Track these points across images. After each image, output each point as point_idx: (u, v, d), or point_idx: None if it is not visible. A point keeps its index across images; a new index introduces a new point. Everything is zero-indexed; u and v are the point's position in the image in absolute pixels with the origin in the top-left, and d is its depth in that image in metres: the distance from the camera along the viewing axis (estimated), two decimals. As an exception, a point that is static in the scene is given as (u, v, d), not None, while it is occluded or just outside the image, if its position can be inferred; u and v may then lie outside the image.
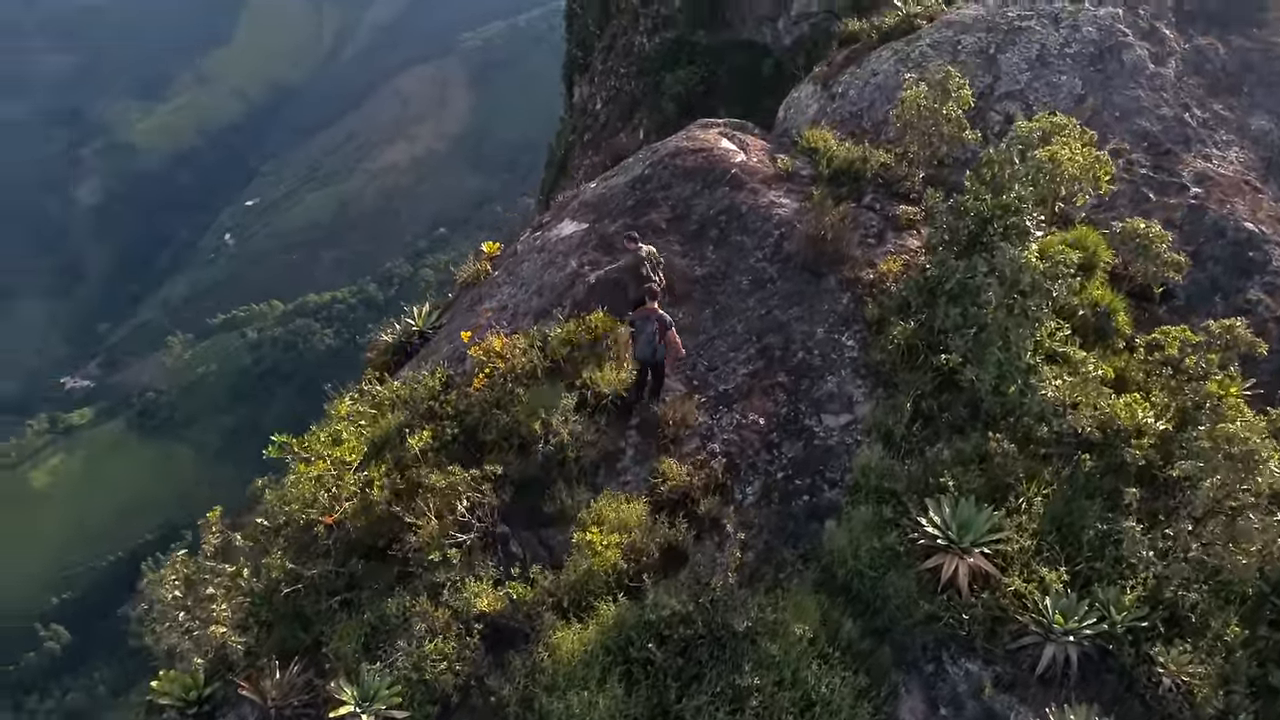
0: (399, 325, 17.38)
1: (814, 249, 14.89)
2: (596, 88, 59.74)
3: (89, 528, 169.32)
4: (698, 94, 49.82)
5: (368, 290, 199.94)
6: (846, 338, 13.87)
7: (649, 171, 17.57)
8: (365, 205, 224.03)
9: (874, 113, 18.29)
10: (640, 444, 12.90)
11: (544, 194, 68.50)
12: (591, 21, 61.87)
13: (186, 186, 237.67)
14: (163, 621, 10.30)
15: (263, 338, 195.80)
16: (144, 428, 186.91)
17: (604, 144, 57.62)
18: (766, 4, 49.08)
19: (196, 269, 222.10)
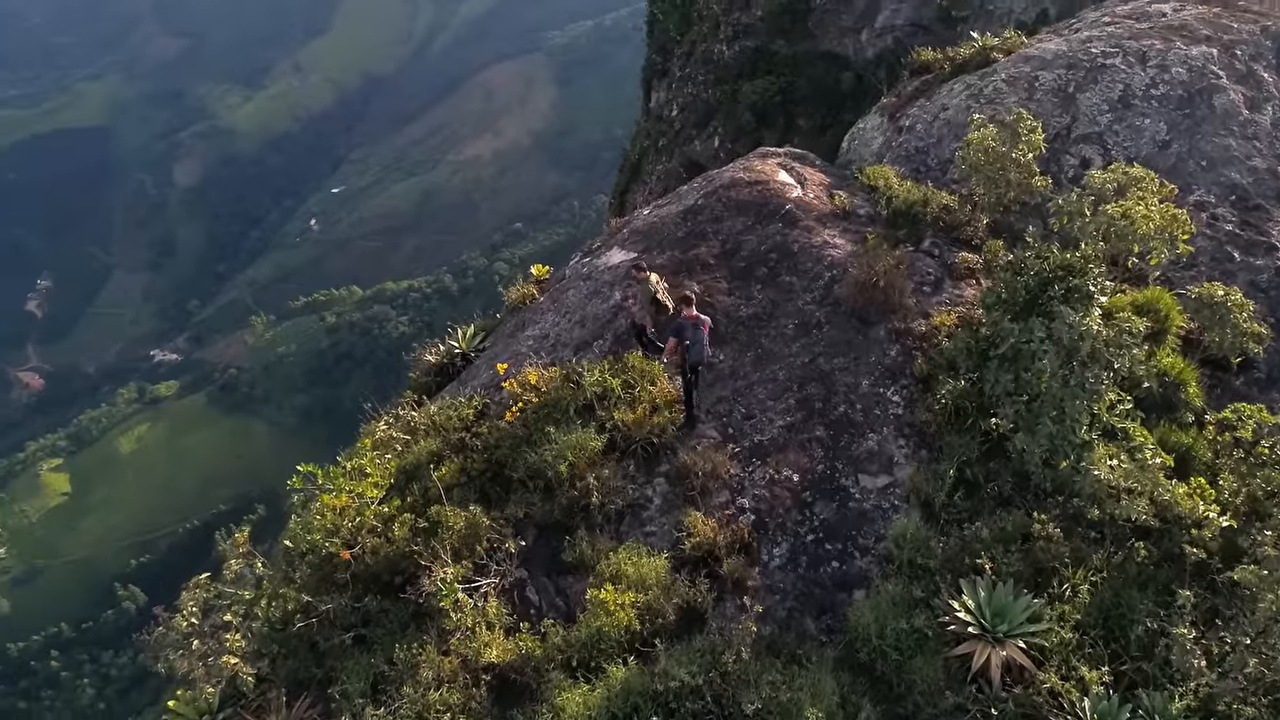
0: (442, 345, 17.34)
1: (864, 295, 14.29)
2: (674, 94, 59.47)
3: (169, 495, 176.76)
4: (775, 104, 49.17)
5: (443, 281, 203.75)
6: (892, 393, 13.26)
7: (702, 202, 17.17)
8: (447, 197, 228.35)
9: (940, 150, 17.52)
10: (668, 493, 12.54)
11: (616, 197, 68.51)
12: (672, 27, 61.61)
13: (277, 171, 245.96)
14: (176, 649, 10.36)
15: (340, 322, 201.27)
16: (224, 402, 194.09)
17: (678, 150, 57.47)
18: (850, 15, 48.07)
19: (282, 251, 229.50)
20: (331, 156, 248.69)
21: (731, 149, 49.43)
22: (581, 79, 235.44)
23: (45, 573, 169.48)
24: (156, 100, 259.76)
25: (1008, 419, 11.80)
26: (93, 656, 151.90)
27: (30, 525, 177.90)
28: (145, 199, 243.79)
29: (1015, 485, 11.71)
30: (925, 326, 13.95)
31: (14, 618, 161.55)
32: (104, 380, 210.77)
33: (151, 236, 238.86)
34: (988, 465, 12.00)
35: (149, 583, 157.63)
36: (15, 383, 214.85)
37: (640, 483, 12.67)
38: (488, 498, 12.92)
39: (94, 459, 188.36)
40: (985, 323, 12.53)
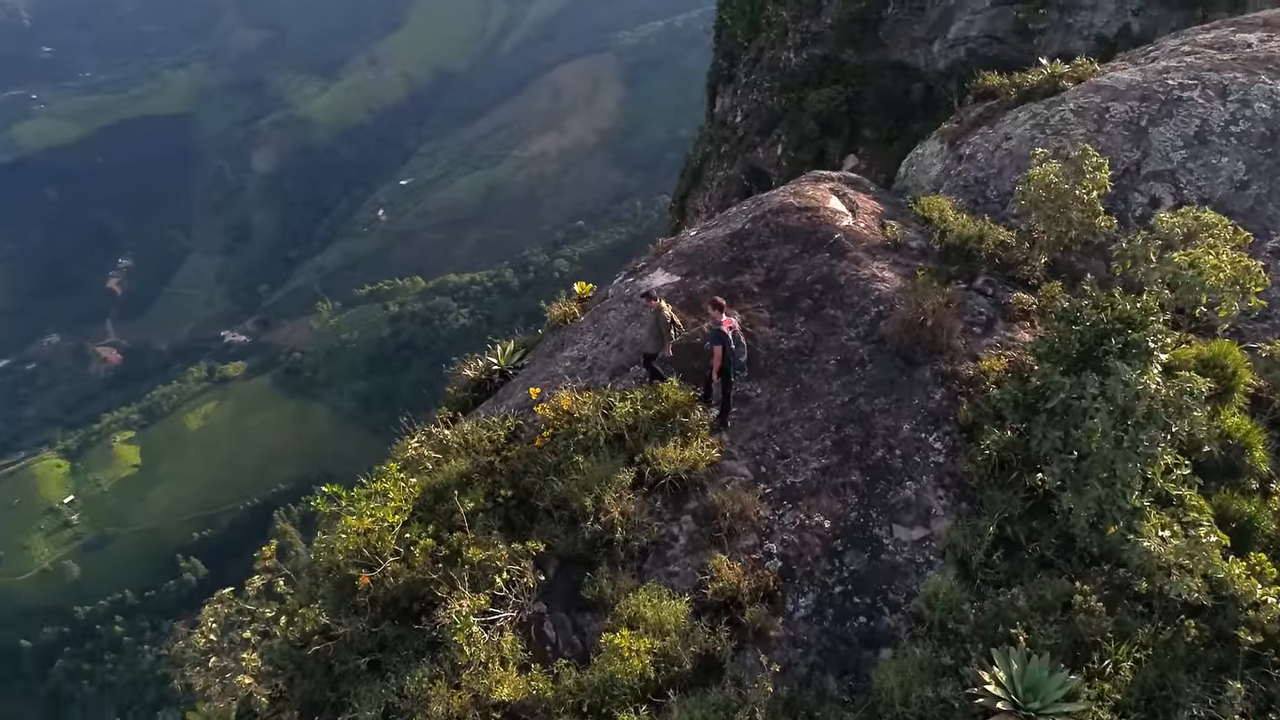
0: (481, 361, 17.29)
1: (911, 334, 13.77)
2: (738, 100, 58.97)
3: (231, 472, 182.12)
4: (841, 113, 48.38)
5: (504, 275, 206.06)
6: (934, 439, 12.74)
7: (749, 227, 16.80)
8: (511, 192, 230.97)
9: (1001, 181, 16.84)
10: (694, 533, 12.24)
11: (676, 201, 68.28)
12: (740, 33, 61.08)
13: (349, 161, 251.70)
14: (194, 665, 10.44)
15: (403, 311, 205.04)
16: (288, 385, 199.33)
17: (740, 157, 56.98)
18: (922, 25, 47.01)
19: (350, 240, 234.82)
20: (401, 149, 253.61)
21: (794, 157, 48.83)
22: (649, 79, 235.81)
23: (114, 540, 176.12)
24: (237, 89, 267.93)
25: (1054, 477, 11.23)
26: (153, 624, 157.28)
27: (102, 494, 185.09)
28: (223, 184, 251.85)
29: (1059, 548, 11.12)
30: (973, 370, 13.38)
31: (83, 582, 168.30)
32: (176, 358, 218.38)
33: (227, 221, 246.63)
34: (1030, 524, 11.43)
35: (209, 556, 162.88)
36: (94, 357, 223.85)
37: (666, 519, 12.39)
38: (513, 525, 12.78)
39: (163, 433, 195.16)
40: (1036, 373, 11.93)
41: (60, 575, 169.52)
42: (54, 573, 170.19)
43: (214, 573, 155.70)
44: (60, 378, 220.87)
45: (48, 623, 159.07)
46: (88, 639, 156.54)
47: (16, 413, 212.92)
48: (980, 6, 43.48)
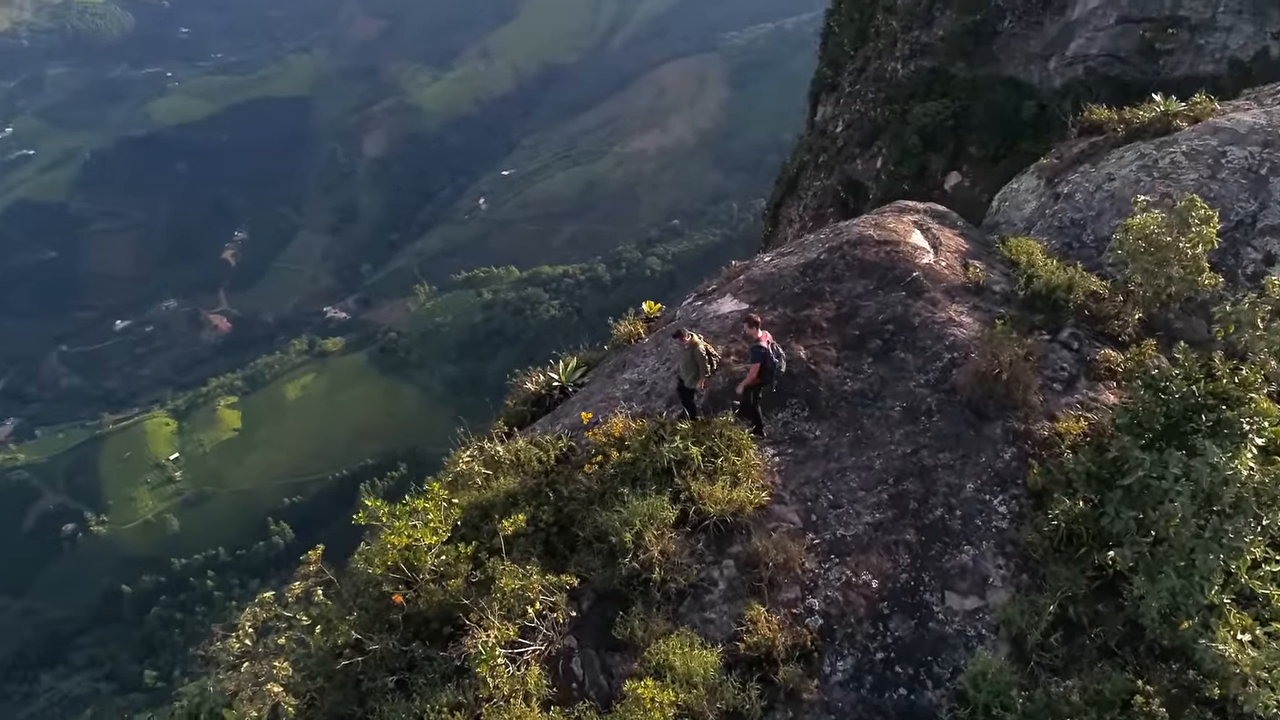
0: (542, 375, 17.22)
1: (984, 386, 13.02)
2: (840, 109, 57.65)
3: (323, 443, 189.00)
4: (946, 128, 46.73)
5: (596, 270, 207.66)
6: (999, 503, 12.00)
7: (824, 257, 16.22)
8: (609, 187, 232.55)
9: (1099, 226, 15.79)
10: (735, 579, 11.83)
11: (770, 208, 67.31)
12: (847, 41, 59.71)
13: (455, 150, 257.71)
14: (228, 668, 10.63)
15: (496, 299, 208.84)
16: (382, 363, 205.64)
17: (838, 168, 55.73)
18: (1039, 40, 44.97)
19: (450, 226, 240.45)
20: (506, 139, 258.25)
21: (894, 171, 47.39)
22: (755, 81, 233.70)
23: (211, 499, 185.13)
24: (353, 75, 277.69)
25: (1127, 559, 10.40)
26: (242, 582, 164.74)
27: (204, 454, 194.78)
28: (335, 166, 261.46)
29: (1124, 637, 10.30)
30: (1048, 431, 12.55)
31: (181, 537, 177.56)
32: (280, 330, 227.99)
33: (336, 202, 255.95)
34: (1096, 607, 10.63)
35: (298, 521, 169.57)
36: (206, 324, 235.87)
37: (707, 562, 12.03)
38: (553, 552, 12.63)
39: (263, 401, 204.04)
40: (1114, 443, 11.08)
41: (161, 528, 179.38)
42: (156, 525, 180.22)
43: (301, 538, 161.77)
44: (175, 341, 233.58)
45: (147, 571, 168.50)
46: (181, 590, 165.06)
47: (134, 371, 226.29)
48: (1103, 24, 41.32)
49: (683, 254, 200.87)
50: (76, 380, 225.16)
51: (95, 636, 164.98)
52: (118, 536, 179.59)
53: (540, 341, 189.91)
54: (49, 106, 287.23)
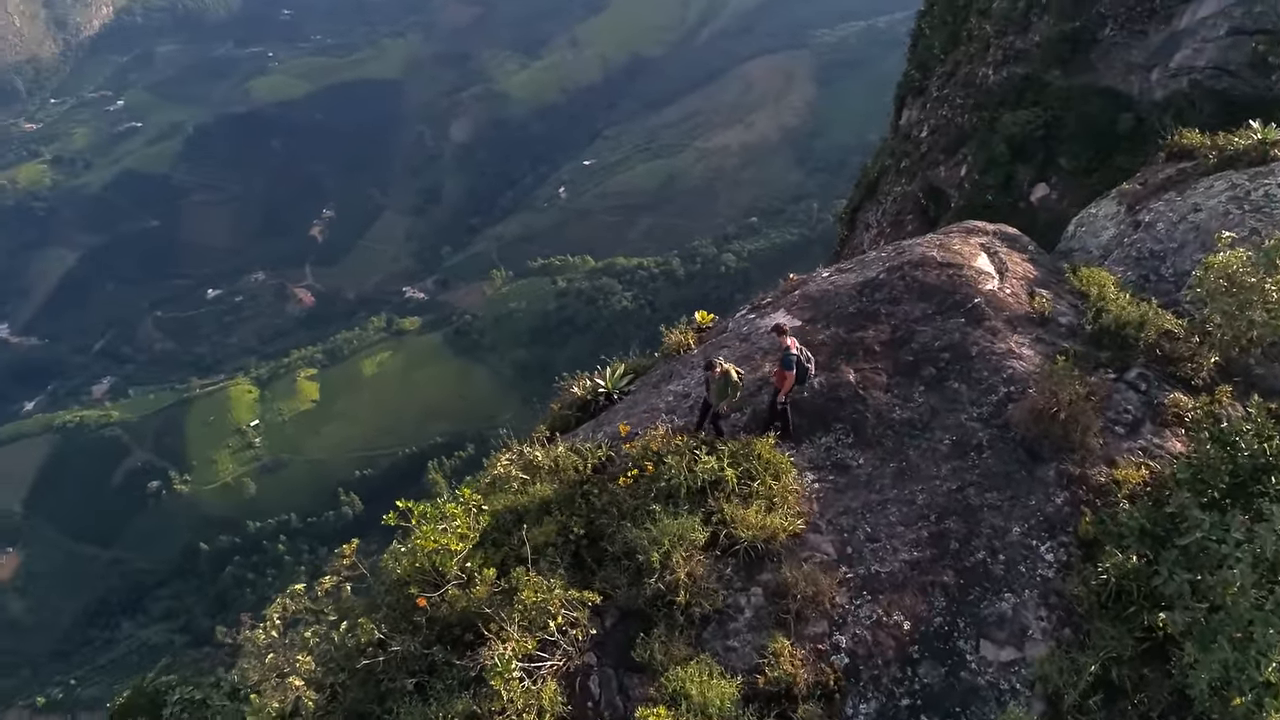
0: (588, 381, 17.13)
1: (1039, 425, 12.40)
2: (926, 114, 56.11)
3: (395, 419, 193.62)
4: (1036, 138, 45.07)
5: (671, 263, 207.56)
6: (1046, 549, 11.41)
7: (883, 277, 15.71)
8: (688, 182, 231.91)
9: (1180, 259, 14.89)
10: (762, 608, 11.53)
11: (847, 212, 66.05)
12: (937, 44, 58.05)
13: (539, 138, 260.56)
14: (253, 658, 10.84)
15: (569, 287, 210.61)
16: (456, 344, 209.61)
17: (920, 174, 54.32)
18: (1141, 50, 42.94)
19: (530, 213, 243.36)
20: (589, 129, 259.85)
21: (978, 180, 45.90)
22: (843, 80, 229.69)
23: (287, 466, 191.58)
24: (445, 61, 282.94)
25: (1178, 624, 9.75)
26: (311, 548, 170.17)
27: (282, 423, 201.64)
28: (422, 150, 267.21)
29: (1170, 706, 9.68)
30: (1105, 477, 11.87)
31: (257, 500, 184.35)
32: (360, 306, 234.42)
33: (422, 184, 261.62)
34: (1141, 670, 10.01)
35: (367, 493, 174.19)
36: (291, 297, 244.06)
37: (735, 589, 11.76)
38: (581, 564, 12.53)
39: (341, 375, 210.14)
40: (1173, 498, 10.41)
41: (239, 491, 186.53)
42: (234, 488, 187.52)
43: (369, 510, 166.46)
44: (261, 312, 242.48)
45: (224, 532, 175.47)
46: (254, 552, 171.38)
47: (222, 339, 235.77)
48: (1213, 34, 39.18)
49: (759, 252, 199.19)
50: (169, 344, 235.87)
51: (173, 589, 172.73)
52: (198, 496, 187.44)
53: (611, 332, 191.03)
54: (158, 81, 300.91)
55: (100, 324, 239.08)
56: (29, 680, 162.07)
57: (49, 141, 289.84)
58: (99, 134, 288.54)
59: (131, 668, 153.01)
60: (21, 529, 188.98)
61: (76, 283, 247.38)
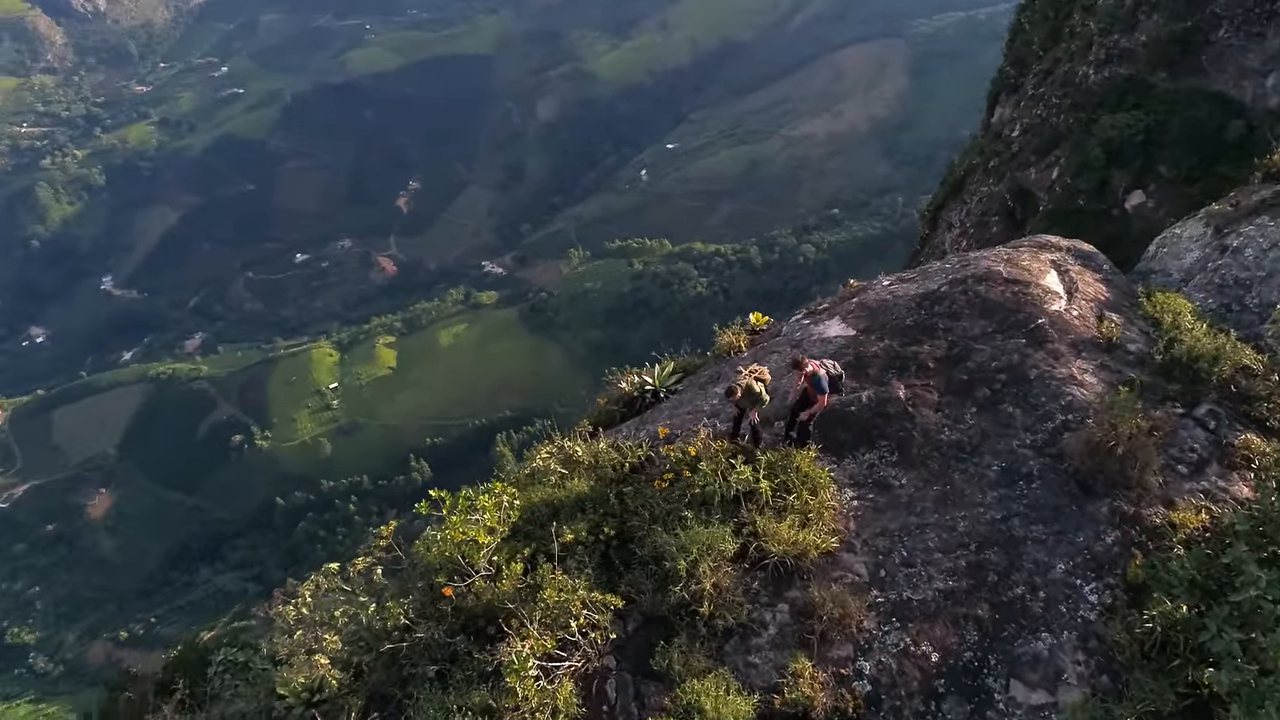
0: (636, 377, 17.03)
1: (1095, 458, 11.81)
2: (1019, 112, 54.13)
3: (467, 391, 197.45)
4: (1135, 143, 43.13)
5: (749, 251, 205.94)
6: (1090, 591, 10.89)
7: (944, 290, 15.17)
8: (771, 170, 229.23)
9: (1267, 289, 13.96)
10: (786, 625, 11.32)
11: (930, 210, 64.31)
12: (1036, 40, 55.85)
13: (624, 119, 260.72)
14: (282, 633, 11.14)
15: (645, 270, 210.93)
16: (531, 321, 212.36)
17: (1009, 175, 52.50)
18: (1258, 54, 40.55)
19: (610, 194, 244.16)
20: (675, 113, 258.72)
21: (1070, 185, 44.09)
22: (937, 71, 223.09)
23: (362, 430, 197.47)
24: (535, 39, 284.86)
25: (1225, 685, 9.19)
26: (380, 510, 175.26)
27: (359, 387, 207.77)
28: (508, 126, 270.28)
29: (1208, 770, 9.15)
30: (1161, 519, 11.25)
31: (332, 461, 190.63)
32: (440, 278, 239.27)
33: (506, 160, 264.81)
34: (1181, 729, 9.49)
35: (436, 461, 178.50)
36: (375, 265, 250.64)
37: (761, 604, 11.56)
38: (610, 565, 12.48)
39: (418, 344, 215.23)
40: (1230, 549, 9.80)
41: (315, 450, 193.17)
42: (311, 447, 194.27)
43: (437, 477, 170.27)
44: (346, 278, 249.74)
45: (299, 488, 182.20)
46: (326, 510, 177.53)
47: (307, 302, 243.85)
48: (1338, 41, 36.75)
49: (839, 244, 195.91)
50: (258, 305, 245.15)
51: (249, 540, 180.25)
52: (277, 452, 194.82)
53: (684, 317, 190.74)
54: (260, 50, 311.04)
55: (195, 282, 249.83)
56: (114, 615, 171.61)
57: (157, 104, 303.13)
58: (203, 99, 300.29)
59: (207, 611, 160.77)
60: (115, 472, 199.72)
61: (176, 241, 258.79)
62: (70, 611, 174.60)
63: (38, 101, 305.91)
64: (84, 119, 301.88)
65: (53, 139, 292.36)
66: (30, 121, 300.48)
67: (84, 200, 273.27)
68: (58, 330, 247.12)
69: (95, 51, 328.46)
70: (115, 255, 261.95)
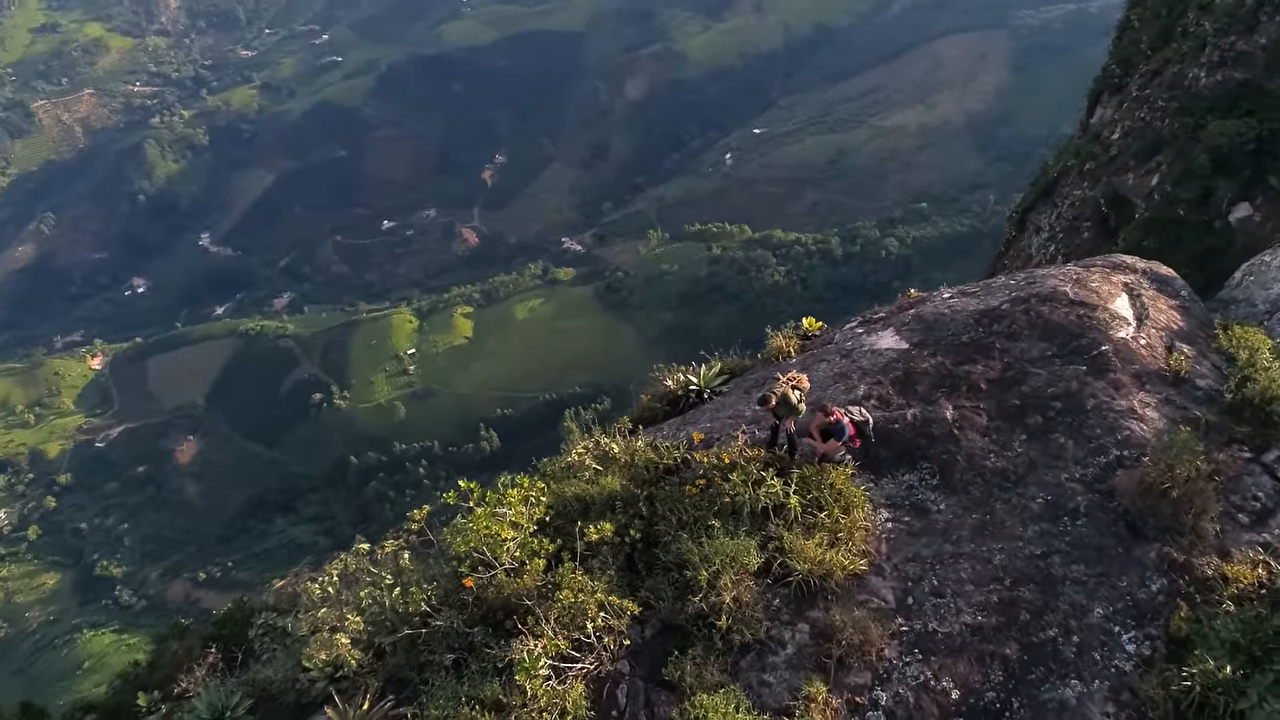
0: (682, 375, 16.86)
1: (1148, 499, 11.19)
2: (1121, 114, 51.75)
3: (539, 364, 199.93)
4: (1245, 152, 40.86)
5: (830, 242, 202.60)
6: (1128, 640, 10.35)
7: (1005, 308, 14.55)
8: (859, 160, 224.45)
9: (1360, 332, 12.96)
10: (806, 646, 11.08)
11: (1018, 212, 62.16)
12: (1145, 39, 53.14)
13: (711, 101, 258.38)
14: (307, 609, 11.42)
15: (723, 255, 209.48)
16: (605, 299, 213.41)
17: (1105, 180, 50.38)
18: (1395, 62, 37.92)
19: (693, 177, 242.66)
20: (763, 97, 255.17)
21: (1170, 193, 42.00)
22: (1040, 66, 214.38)
23: (436, 396, 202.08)
24: (628, 17, 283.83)
25: (1262, 756, 8.65)
26: (448, 475, 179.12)
27: (436, 354, 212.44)
28: (596, 104, 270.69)
29: (1236, 845, 8.62)
30: (1213, 570, 10.61)
31: (405, 424, 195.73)
32: (520, 252, 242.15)
33: (591, 138, 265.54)
34: (1211, 797, 8.97)
35: (505, 432, 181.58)
36: (457, 236, 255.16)
37: (782, 621, 11.34)
38: (634, 567, 12.42)
39: (494, 316, 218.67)
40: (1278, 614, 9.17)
41: (390, 413, 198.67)
42: (386, 409, 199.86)
43: (505, 447, 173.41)
44: (429, 247, 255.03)
45: (372, 449, 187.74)
46: (397, 472, 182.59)
47: (391, 269, 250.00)
48: None
49: (924, 239, 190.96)
50: (344, 269, 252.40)
51: (322, 495, 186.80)
52: (354, 412, 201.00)
53: (759, 304, 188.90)
54: (360, 19, 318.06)
55: (286, 243, 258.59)
56: (194, 556, 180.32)
57: (260, 69, 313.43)
58: (303, 65, 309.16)
59: (280, 560, 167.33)
60: (202, 420, 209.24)
61: (270, 202, 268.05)
62: (155, 550, 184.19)
63: (150, 62, 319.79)
64: (192, 80, 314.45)
65: (162, 98, 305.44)
66: (143, 81, 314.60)
67: (187, 159, 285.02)
68: (157, 282, 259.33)
69: (206, 15, 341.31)
70: (213, 213, 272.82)
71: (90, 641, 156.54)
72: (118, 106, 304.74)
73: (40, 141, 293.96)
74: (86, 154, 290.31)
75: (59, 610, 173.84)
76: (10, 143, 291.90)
